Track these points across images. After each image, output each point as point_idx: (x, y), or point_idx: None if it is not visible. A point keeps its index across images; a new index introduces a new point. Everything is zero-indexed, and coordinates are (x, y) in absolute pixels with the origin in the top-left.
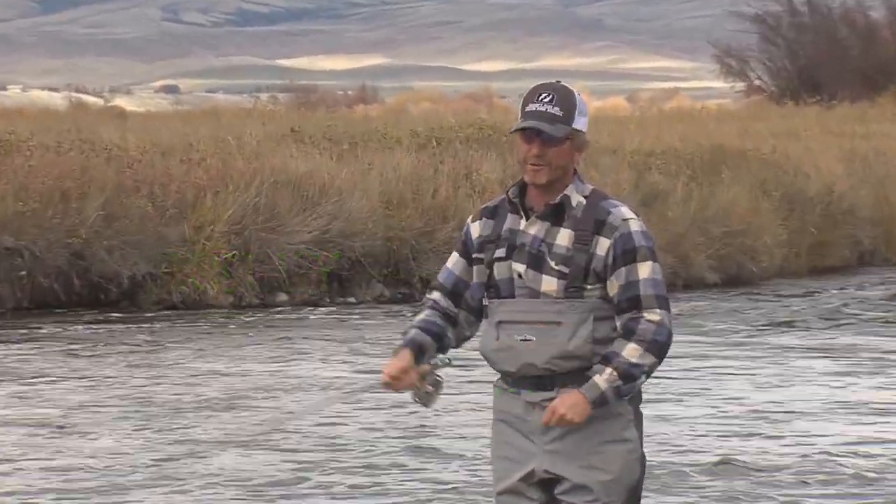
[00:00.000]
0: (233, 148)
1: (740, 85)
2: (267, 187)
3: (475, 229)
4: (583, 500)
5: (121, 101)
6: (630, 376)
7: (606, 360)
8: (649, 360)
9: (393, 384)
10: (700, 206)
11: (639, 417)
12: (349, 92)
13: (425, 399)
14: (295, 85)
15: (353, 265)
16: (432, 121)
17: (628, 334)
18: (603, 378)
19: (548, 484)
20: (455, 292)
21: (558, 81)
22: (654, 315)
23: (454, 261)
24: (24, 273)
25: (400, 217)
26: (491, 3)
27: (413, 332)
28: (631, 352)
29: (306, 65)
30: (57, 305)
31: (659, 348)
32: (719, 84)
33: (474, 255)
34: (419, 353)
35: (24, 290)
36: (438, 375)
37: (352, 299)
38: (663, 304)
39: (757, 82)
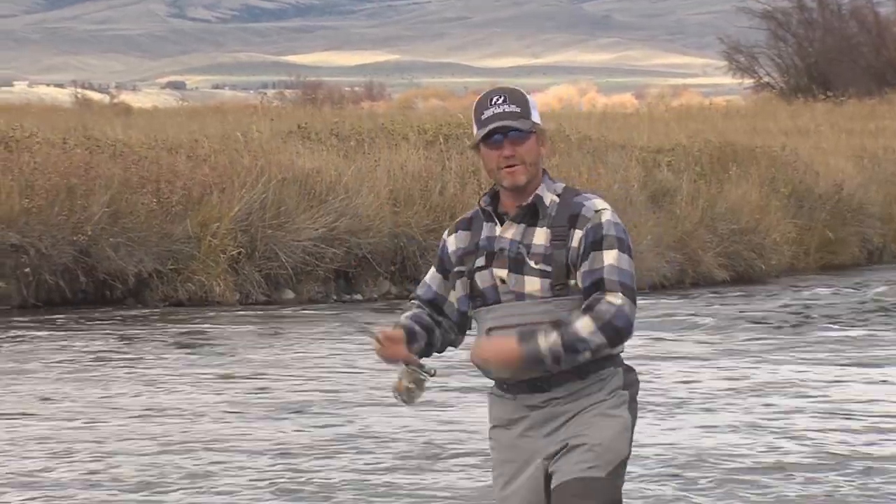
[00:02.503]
0: (239, 144)
1: (749, 81)
2: (274, 184)
3: (451, 243)
4: (571, 461)
5: (127, 98)
6: (573, 349)
7: (556, 326)
8: (598, 339)
9: (381, 347)
10: (709, 203)
11: (633, 403)
12: (356, 88)
13: (407, 395)
14: (302, 81)
15: (360, 262)
16: (440, 117)
17: (586, 309)
18: (546, 340)
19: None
20: (434, 304)
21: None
22: (615, 298)
23: (431, 275)
24: (29, 270)
25: (407, 214)
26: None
27: (401, 319)
28: (583, 325)
29: (313, 61)
30: (62, 303)
31: (614, 332)
32: (728, 80)
33: (456, 269)
34: (410, 336)
35: (30, 288)
36: (423, 375)
37: (358, 296)
38: (627, 292)
39: (766, 79)
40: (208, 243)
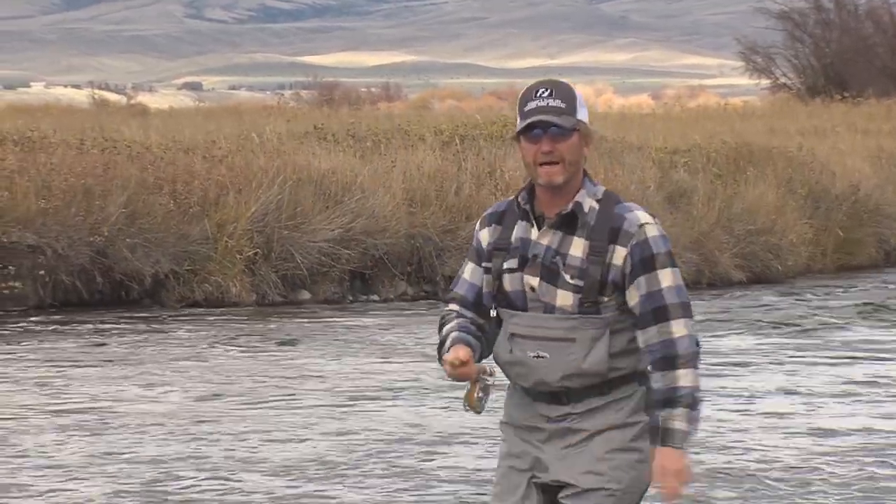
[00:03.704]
0: (256, 145)
1: (766, 82)
2: (290, 185)
3: (484, 236)
4: (588, 502)
5: (143, 99)
6: (696, 402)
7: (671, 402)
8: (697, 377)
9: (459, 371)
10: (725, 203)
11: None
12: (373, 89)
13: (477, 405)
14: (318, 82)
15: (376, 263)
16: (456, 118)
17: (672, 360)
18: (681, 420)
19: (551, 492)
20: (477, 303)
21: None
22: (681, 328)
23: (470, 270)
24: (46, 271)
25: (423, 215)
26: (515, 0)
27: (454, 334)
28: (686, 378)
29: (330, 62)
30: (79, 303)
31: (697, 361)
32: (745, 81)
33: (483, 264)
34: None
35: (47, 288)
36: (489, 380)
37: (375, 297)
38: (688, 311)
39: (783, 79)
40: (225, 244)
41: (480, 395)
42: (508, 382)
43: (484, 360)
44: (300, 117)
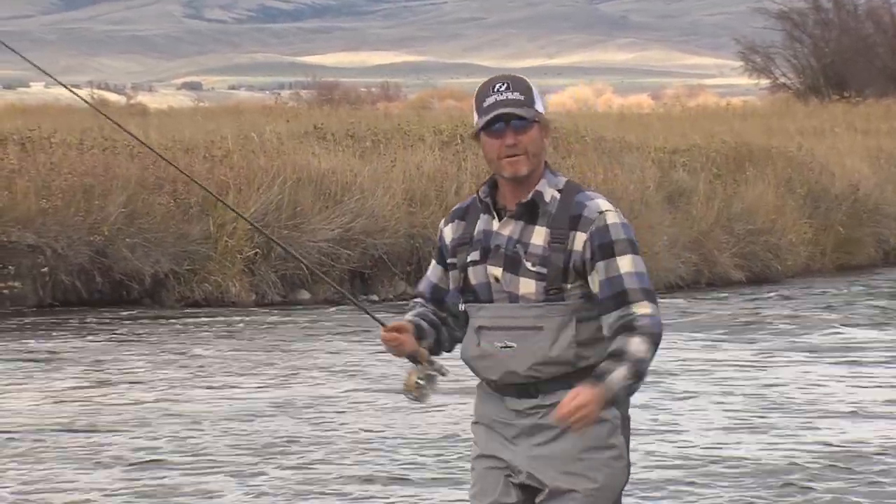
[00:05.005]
0: (255, 145)
1: (765, 82)
2: (290, 185)
3: (448, 233)
4: None
5: (143, 99)
6: (641, 374)
7: (619, 358)
8: (652, 354)
9: (389, 337)
10: (725, 203)
11: (626, 422)
12: (372, 89)
13: (417, 393)
14: (317, 82)
15: (375, 263)
16: (456, 118)
17: (630, 330)
18: (620, 377)
19: (528, 491)
20: (435, 299)
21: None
22: (645, 308)
23: (432, 268)
24: (46, 270)
25: (423, 215)
26: (514, 0)
27: (409, 317)
28: (639, 346)
29: (329, 62)
30: (79, 303)
31: (658, 341)
32: (744, 81)
33: (448, 261)
34: (418, 332)
35: (46, 288)
36: (433, 371)
37: (374, 297)
38: (650, 296)
39: (782, 79)
40: (224, 244)
41: (422, 382)
42: (477, 385)
43: (444, 358)
44: (300, 117)
